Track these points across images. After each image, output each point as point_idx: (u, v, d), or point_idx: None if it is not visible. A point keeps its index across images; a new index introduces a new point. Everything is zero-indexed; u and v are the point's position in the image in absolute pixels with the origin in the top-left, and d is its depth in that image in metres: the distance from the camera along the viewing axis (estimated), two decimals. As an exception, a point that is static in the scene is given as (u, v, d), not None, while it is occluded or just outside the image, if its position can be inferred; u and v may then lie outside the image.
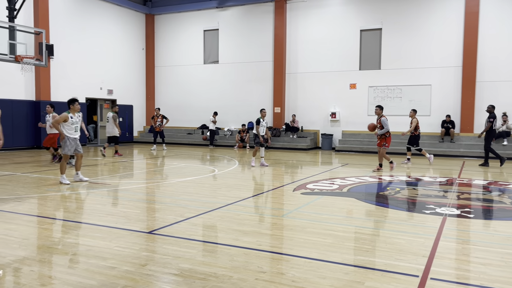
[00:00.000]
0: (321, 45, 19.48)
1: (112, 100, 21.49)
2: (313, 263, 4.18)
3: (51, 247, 4.66)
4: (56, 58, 17.00)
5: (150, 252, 4.54)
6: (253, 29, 20.87)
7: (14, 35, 12.55)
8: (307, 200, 7.50)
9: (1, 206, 6.75)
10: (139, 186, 8.96)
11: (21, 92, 17.21)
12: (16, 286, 3.60)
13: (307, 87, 19.99)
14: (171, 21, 22.95)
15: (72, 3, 19.09)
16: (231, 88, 21.51)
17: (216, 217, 6.14)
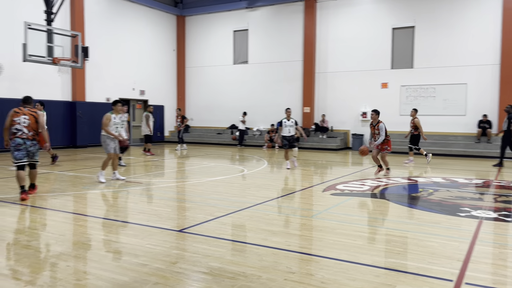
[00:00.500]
0: (352, 44, 19.23)
1: (144, 101, 21.93)
2: (343, 265, 4.13)
3: (85, 243, 4.81)
4: (90, 59, 17.50)
5: (181, 250, 4.61)
6: (283, 29, 20.82)
7: (51, 38, 13.00)
8: (337, 201, 7.42)
9: (40, 203, 7.02)
10: (170, 185, 9.10)
11: (58, 93, 17.82)
12: (53, 281, 3.73)
13: (337, 86, 19.77)
14: (202, 22, 23.20)
15: (106, 6, 19.61)
16: (260, 88, 21.54)
17: (245, 216, 6.17)
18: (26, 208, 6.67)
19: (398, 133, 17.88)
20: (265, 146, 19.74)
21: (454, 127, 17.52)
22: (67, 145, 18.08)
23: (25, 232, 5.27)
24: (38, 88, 16.71)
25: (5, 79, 15.72)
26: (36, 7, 15.03)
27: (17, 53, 14.39)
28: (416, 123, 13.48)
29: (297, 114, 20.57)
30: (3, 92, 15.64)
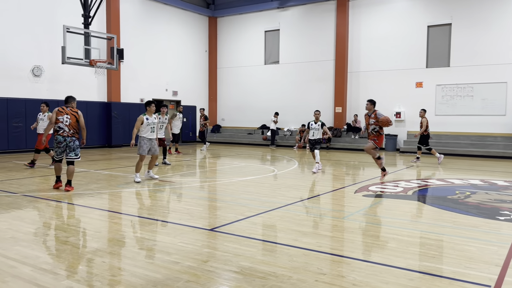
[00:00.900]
0: (385, 43, 18.87)
1: (177, 101, 22.30)
2: (375, 267, 4.06)
3: (120, 241, 4.93)
4: (125, 61, 17.95)
5: (212, 249, 4.65)
6: (314, 28, 20.68)
7: (89, 41, 13.42)
8: (369, 202, 7.30)
9: (77, 201, 7.26)
10: (202, 184, 9.21)
11: (95, 94, 18.38)
12: (89, 276, 3.85)
13: (370, 86, 19.45)
14: (233, 23, 23.36)
15: (140, 9, 20.06)
16: (291, 88, 21.47)
17: (276, 216, 6.16)
18: (64, 205, 6.91)
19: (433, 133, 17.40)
20: (295, 146, 19.66)
21: (493, 128, 16.88)
22: (103, 144, 18.62)
23: (63, 229, 5.46)
24: (76, 89, 17.30)
25: (45, 81, 16.36)
26: (75, 11, 15.57)
27: (56, 56, 14.95)
28: (423, 122, 13.63)
29: (329, 114, 20.38)
30: (44, 93, 16.28)
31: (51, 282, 3.65)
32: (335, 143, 19.19)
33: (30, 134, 15.76)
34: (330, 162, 14.01)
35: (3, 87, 15.11)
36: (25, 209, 6.54)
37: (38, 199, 7.22)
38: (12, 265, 4.02)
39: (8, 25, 15.13)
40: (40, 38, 16.01)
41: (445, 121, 17.75)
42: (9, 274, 3.81)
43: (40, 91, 16.18)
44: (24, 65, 15.69)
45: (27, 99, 15.65)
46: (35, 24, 15.88)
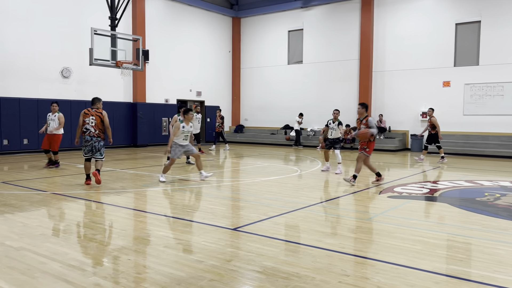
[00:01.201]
0: (411, 41, 18.52)
1: (201, 102, 22.49)
2: (400, 270, 3.99)
3: (145, 239, 5.01)
4: (150, 62, 18.23)
5: (235, 248, 4.68)
6: (338, 28, 20.49)
7: (115, 43, 13.68)
8: (394, 203, 7.18)
9: (103, 199, 7.42)
10: (225, 184, 9.27)
11: (121, 94, 18.73)
12: (115, 273, 3.93)
13: (395, 85, 19.14)
14: (257, 23, 23.39)
15: (165, 10, 20.33)
16: (314, 88, 21.35)
17: (299, 217, 6.14)
18: (91, 203, 7.08)
19: (461, 133, 17.04)
20: (319, 146, 19.53)
21: (524, 128, 16.35)
22: (128, 144, 18.96)
23: (91, 226, 5.59)
24: (102, 90, 17.68)
25: (73, 82, 16.79)
26: (102, 13, 15.91)
27: (84, 57, 15.31)
28: (434, 122, 13.66)
29: (353, 114, 20.15)
30: (72, 94, 16.71)
31: (79, 278, 3.74)
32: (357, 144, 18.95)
33: (59, 134, 16.20)
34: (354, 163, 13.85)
35: (33, 88, 15.58)
36: (55, 206, 6.73)
37: (67, 197, 7.42)
38: (42, 261, 4.15)
39: (38, 29, 15.60)
40: (68, 40, 16.43)
41: (473, 121, 17.29)
42: (39, 270, 3.93)
43: (68, 92, 16.62)
44: (53, 67, 16.14)
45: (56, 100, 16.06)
46: (64, 27, 16.31)
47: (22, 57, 15.25)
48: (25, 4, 15.27)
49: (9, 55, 14.93)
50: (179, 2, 20.79)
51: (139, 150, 17.48)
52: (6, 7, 14.78)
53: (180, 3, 20.91)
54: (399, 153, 17.70)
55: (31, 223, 5.69)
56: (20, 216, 6.09)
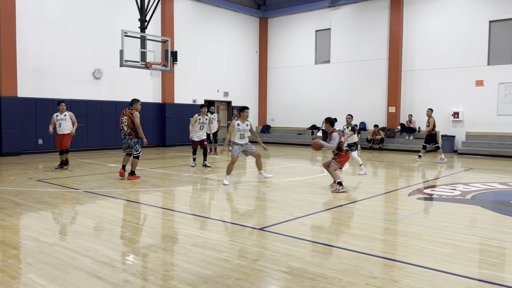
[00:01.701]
0: (442, 40, 18.06)
1: (228, 102, 22.64)
2: (430, 273, 3.91)
3: (173, 237, 5.09)
4: (178, 63, 18.49)
5: (261, 248, 4.69)
6: (367, 27, 20.21)
7: (144, 44, 13.96)
8: (424, 205, 7.03)
9: (133, 197, 7.58)
10: (251, 184, 9.30)
11: (150, 95, 19.08)
12: (144, 270, 4.01)
13: (425, 85, 18.71)
14: (284, 23, 23.35)
15: (193, 11, 20.57)
16: (342, 88, 21.12)
17: (326, 218, 6.10)
18: (121, 202, 7.24)
19: (495, 134, 16.50)
20: (347, 147, 19.32)
21: None
22: (157, 144, 19.29)
23: (121, 224, 5.72)
24: (132, 91, 18.06)
25: (104, 83, 17.22)
26: (132, 16, 16.27)
27: (115, 59, 15.69)
28: (430, 121, 13.85)
29: (382, 114, 19.87)
30: (103, 95, 17.15)
31: (109, 274, 3.84)
32: (388, 144, 18.65)
33: (92, 133, 16.67)
34: (383, 164, 13.65)
35: (67, 89, 16.08)
36: (86, 204, 6.93)
37: (98, 196, 7.62)
38: (74, 257, 4.28)
39: (72, 32, 16.08)
40: (100, 43, 16.87)
41: (508, 121, 16.71)
42: (71, 265, 4.06)
43: (100, 92, 17.06)
44: (85, 69, 16.61)
45: (88, 101, 16.56)
46: (96, 30, 16.76)
47: (58, 59, 15.76)
48: (61, 8, 15.78)
49: (45, 58, 15.47)
50: (207, 3, 20.99)
51: (168, 150, 17.75)
52: (43, 11, 15.31)
53: (207, 4, 21.11)
54: (429, 154, 17.29)
55: (64, 220, 5.88)
56: (53, 213, 6.30)
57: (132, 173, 9.46)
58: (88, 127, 16.50)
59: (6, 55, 14.25)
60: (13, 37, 14.37)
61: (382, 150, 18.38)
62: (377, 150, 18.41)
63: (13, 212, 6.26)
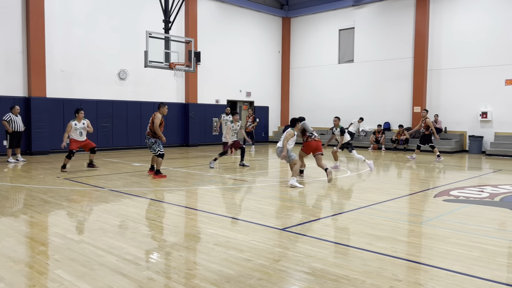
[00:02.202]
0: (470, 38, 17.61)
1: (250, 102, 22.68)
2: (456, 277, 3.82)
3: (196, 236, 5.14)
4: (201, 63, 18.63)
5: (283, 248, 4.68)
6: (391, 25, 19.90)
7: (168, 45, 14.13)
8: (450, 208, 6.88)
9: (157, 196, 7.69)
10: (274, 184, 9.29)
11: (173, 95, 19.31)
12: (167, 268, 4.06)
13: (452, 84, 18.29)
14: (307, 22, 23.24)
15: (216, 12, 20.71)
16: (366, 88, 20.87)
17: (348, 219, 6.03)
18: (145, 200, 7.36)
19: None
20: (370, 147, 19.08)
21: None
22: (180, 144, 19.50)
23: (145, 222, 5.81)
24: (156, 91, 18.33)
25: (129, 84, 17.52)
26: (156, 17, 16.50)
27: (139, 60, 15.95)
28: (428, 123, 14.01)
29: (407, 114, 19.54)
30: (128, 95, 17.46)
31: (134, 272, 3.91)
32: (413, 145, 18.29)
33: (117, 133, 16.99)
34: (407, 165, 13.41)
35: (93, 90, 16.44)
36: (112, 203, 7.06)
37: (123, 194, 7.76)
38: (100, 254, 4.37)
39: (98, 34, 16.43)
40: (125, 44, 17.18)
41: (539, 122, 16.17)
42: (97, 262, 4.15)
43: (125, 93, 17.37)
44: (111, 69, 16.95)
45: (113, 101, 16.88)
46: (121, 32, 17.07)
47: (84, 61, 16.14)
48: (88, 10, 16.15)
49: (73, 59, 15.86)
50: (230, 3, 21.08)
51: (191, 150, 17.92)
52: (71, 14, 15.71)
53: (231, 5, 21.20)
54: (455, 155, 16.90)
55: (90, 218, 6.02)
56: (80, 211, 6.45)
57: (157, 172, 9.71)
58: (113, 127, 16.84)
59: (36, 57, 14.68)
60: (42, 39, 14.80)
61: (407, 150, 18.06)
62: (402, 151, 18.10)
63: (42, 210, 6.45)
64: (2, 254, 4.37)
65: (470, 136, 17.50)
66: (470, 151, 17.41)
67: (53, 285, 3.59)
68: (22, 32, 14.66)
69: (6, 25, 14.33)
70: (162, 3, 14.69)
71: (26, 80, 14.85)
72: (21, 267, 4.01)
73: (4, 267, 3.99)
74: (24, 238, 5.05)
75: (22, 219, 5.94)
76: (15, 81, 14.62)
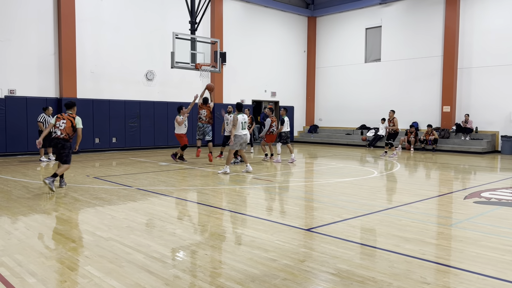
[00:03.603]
0: (502, 36, 17.06)
1: (275, 102, 22.65)
2: (488, 281, 3.71)
3: (221, 235, 5.17)
4: (227, 63, 18.73)
5: (308, 249, 4.65)
6: (420, 24, 19.49)
7: (195, 46, 14.29)
8: (482, 210, 6.68)
9: (183, 195, 7.78)
10: (298, 184, 9.25)
11: (199, 96, 19.46)
12: (193, 266, 4.11)
13: (484, 83, 17.76)
14: (333, 22, 23.04)
15: (241, 13, 20.78)
16: (393, 87, 20.51)
17: (375, 220, 5.95)
18: (172, 199, 7.46)
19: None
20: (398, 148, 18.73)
21: None
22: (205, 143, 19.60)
23: (171, 221, 5.89)
24: (183, 92, 18.54)
25: (156, 84, 17.81)
26: (183, 18, 16.71)
27: (166, 61, 16.19)
28: (395, 122, 15.27)
29: (436, 114, 19.12)
30: (155, 95, 17.73)
31: (160, 269, 3.97)
32: (442, 145, 17.88)
33: (144, 133, 17.28)
34: (436, 165, 13.11)
35: (121, 90, 16.79)
36: (139, 201, 7.19)
37: (150, 193, 7.89)
38: (127, 252, 4.46)
39: (126, 36, 16.77)
40: (152, 45, 17.46)
41: None
42: (125, 259, 4.23)
43: (152, 93, 17.66)
44: (139, 70, 17.26)
45: (141, 101, 17.18)
46: (149, 33, 17.37)
47: (113, 62, 16.51)
48: (117, 13, 16.51)
49: (102, 60, 16.25)
50: (255, 3, 21.12)
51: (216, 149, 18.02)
52: (101, 16, 16.10)
53: (256, 5, 21.24)
54: (487, 155, 16.40)
55: (118, 216, 6.14)
56: (109, 209, 6.60)
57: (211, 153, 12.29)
58: (141, 127, 17.13)
59: (67, 59, 15.11)
60: (73, 41, 15.22)
61: (436, 151, 17.66)
62: (430, 151, 17.70)
63: (73, 207, 6.63)
64: (34, 250, 4.52)
65: (503, 136, 16.95)
66: (502, 152, 16.86)
67: (83, 281, 3.68)
68: (54, 35, 15.12)
69: (39, 29, 14.81)
70: (189, 5, 14.86)
71: (58, 82, 15.30)
72: (52, 263, 4.14)
73: (37, 263, 4.12)
74: (56, 234, 5.21)
75: (53, 216, 6.12)
76: (47, 82, 15.10)
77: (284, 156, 14.35)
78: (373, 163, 13.67)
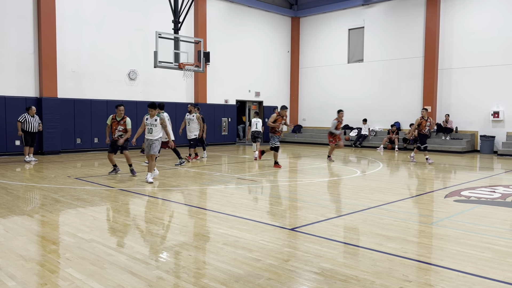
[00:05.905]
0: (482, 37, 17.41)
1: (259, 102, 22.67)
2: (468, 278, 3.78)
3: (205, 235, 5.15)
4: (210, 63, 18.67)
5: (292, 248, 4.67)
6: (401, 25, 19.76)
7: (178, 45, 14.19)
8: (461, 208, 6.81)
9: (166, 196, 7.72)
10: (282, 184, 9.28)
11: (183, 95, 19.37)
12: (177, 267, 4.08)
13: (463, 83, 18.10)
14: (316, 22, 23.17)
15: (225, 12, 20.73)
16: (376, 87, 20.74)
17: (358, 219, 6.00)
18: (155, 200, 7.39)
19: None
20: (380, 147, 18.95)
21: None
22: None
23: (154, 222, 5.84)
24: (166, 92, 18.40)
25: (139, 84, 17.63)
26: (166, 17, 16.58)
27: (149, 60, 16.04)
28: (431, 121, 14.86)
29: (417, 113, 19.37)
30: (138, 95, 17.55)
31: (143, 270, 3.93)
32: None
33: (126, 133, 17.07)
34: (417, 165, 13.31)
35: (103, 90, 16.56)
36: (121, 202, 7.11)
37: (133, 194, 7.80)
38: (110, 253, 4.40)
39: (108, 35, 16.55)
40: (135, 44, 17.28)
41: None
42: (107, 261, 4.18)
43: (135, 93, 17.47)
44: (121, 70, 17.06)
45: (124, 101, 16.97)
46: (131, 32, 17.17)
47: (95, 61, 16.27)
48: (99, 11, 16.27)
49: (83, 60, 15.99)
50: (239, 3, 21.09)
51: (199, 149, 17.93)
52: (82, 14, 15.84)
53: (240, 5, 21.21)
54: (466, 155, 16.73)
55: (100, 217, 6.06)
56: (91, 210, 6.50)
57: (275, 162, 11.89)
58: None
59: (47, 58, 14.83)
60: (53, 39, 14.94)
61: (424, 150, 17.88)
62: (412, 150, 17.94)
63: (53, 209, 6.51)
64: (14, 252, 4.43)
65: (482, 136, 17.31)
66: (481, 151, 17.22)
67: (64, 284, 3.62)
68: (34, 33, 14.82)
69: (18, 27, 14.50)
70: (172, 4, 14.75)
71: (38, 81, 15.01)
72: (32, 266, 4.06)
73: (16, 266, 4.04)
74: (36, 237, 5.11)
75: (33, 218, 6.00)
76: (27, 81, 14.79)
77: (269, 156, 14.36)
78: (356, 162, 13.79)
